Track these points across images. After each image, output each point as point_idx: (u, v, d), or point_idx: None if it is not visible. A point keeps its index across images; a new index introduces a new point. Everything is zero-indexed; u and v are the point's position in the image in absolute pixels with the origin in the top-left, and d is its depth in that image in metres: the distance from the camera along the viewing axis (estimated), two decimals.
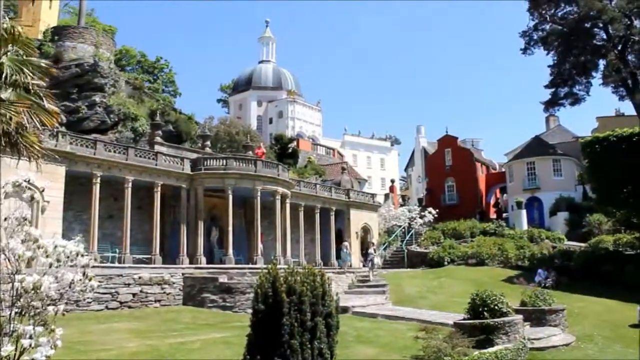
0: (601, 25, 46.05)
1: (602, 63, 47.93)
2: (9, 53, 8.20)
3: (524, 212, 43.59)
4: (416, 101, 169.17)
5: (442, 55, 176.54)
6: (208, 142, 36.10)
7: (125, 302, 21.77)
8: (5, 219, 7.43)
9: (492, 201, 56.53)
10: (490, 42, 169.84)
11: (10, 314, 6.81)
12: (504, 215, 50.34)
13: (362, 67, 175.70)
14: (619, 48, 46.55)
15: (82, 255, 7.46)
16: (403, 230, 43.77)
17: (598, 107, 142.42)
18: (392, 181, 64.18)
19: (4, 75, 7.90)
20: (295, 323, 9.05)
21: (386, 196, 53.41)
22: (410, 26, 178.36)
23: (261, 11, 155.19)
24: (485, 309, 16.69)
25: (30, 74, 7.78)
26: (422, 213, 45.51)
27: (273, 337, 9.03)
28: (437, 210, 46.52)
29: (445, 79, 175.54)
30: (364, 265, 32.87)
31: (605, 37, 47.24)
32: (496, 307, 16.73)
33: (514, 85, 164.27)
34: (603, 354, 17.62)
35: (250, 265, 27.51)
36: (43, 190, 21.00)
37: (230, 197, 28.21)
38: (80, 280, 7.28)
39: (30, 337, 6.47)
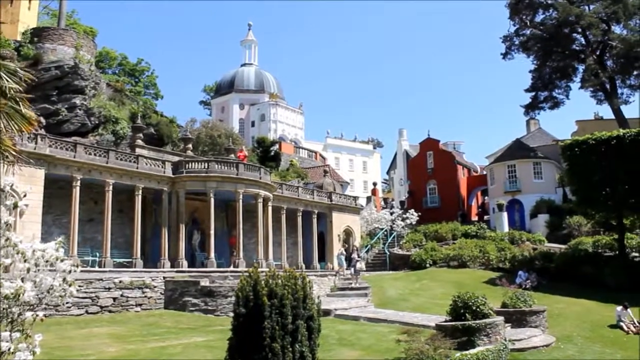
0: (580, 30, 46.72)
1: (581, 67, 48.54)
2: None
3: (505, 214, 43.91)
4: (398, 104, 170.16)
5: (425, 58, 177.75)
6: (190, 145, 35.93)
7: (105, 307, 21.60)
8: None
9: (474, 204, 56.94)
10: (472, 46, 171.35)
11: None
12: (486, 217, 50.67)
13: (344, 70, 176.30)
14: (598, 53, 47.23)
15: (62, 260, 7.38)
16: (385, 232, 43.90)
17: (577, 110, 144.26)
18: (375, 184, 64.37)
19: None
20: (277, 326, 9.06)
21: (368, 199, 53.56)
22: (393, 29, 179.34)
23: (244, 14, 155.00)
24: (467, 310, 16.84)
25: (7, 78, 7.69)
26: (404, 215, 45.67)
27: (254, 341, 9.03)
28: (419, 213, 46.78)
29: (427, 83, 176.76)
30: (347, 268, 32.80)
31: (583, 42, 47.93)
32: (478, 309, 16.88)
33: (495, 89, 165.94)
34: (582, 354, 17.85)
35: (232, 269, 27.42)
36: (25, 196, 20.73)
37: (212, 200, 28.10)
38: (60, 285, 7.20)
39: (7, 342, 6.39)
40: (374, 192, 58.76)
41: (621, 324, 21.55)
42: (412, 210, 46.97)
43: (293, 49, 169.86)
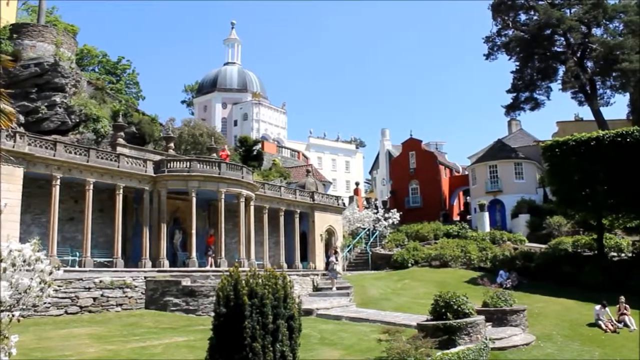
0: (561, 32, 47.25)
1: (561, 69, 49.16)
2: None
3: (486, 214, 44.21)
4: (381, 104, 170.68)
5: (407, 59, 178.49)
6: (172, 144, 35.69)
7: (85, 307, 21.38)
8: None
9: (456, 204, 57.29)
10: (455, 47, 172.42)
11: None
12: (467, 217, 50.99)
13: (327, 69, 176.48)
14: (578, 55, 47.84)
15: (40, 260, 7.29)
16: (367, 232, 43.99)
17: (558, 112, 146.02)
18: (357, 184, 64.49)
19: None
20: (257, 326, 9.04)
21: (351, 199, 53.62)
22: (375, 29, 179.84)
23: (227, 13, 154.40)
24: (448, 310, 16.95)
25: None
26: (387, 215, 45.81)
27: (235, 340, 9.01)
28: (401, 213, 46.95)
29: (410, 83, 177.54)
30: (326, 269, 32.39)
31: (564, 43, 48.49)
32: (459, 308, 17.00)
33: (477, 90, 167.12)
34: (561, 353, 18.08)
35: (214, 268, 27.30)
36: None
37: (194, 199, 27.95)
38: (37, 285, 7.10)
39: None
40: (356, 191, 58.89)
41: (600, 322, 21.85)
42: (395, 210, 47.13)
43: (276, 49, 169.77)
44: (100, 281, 22.08)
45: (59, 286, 19.96)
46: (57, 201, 23.53)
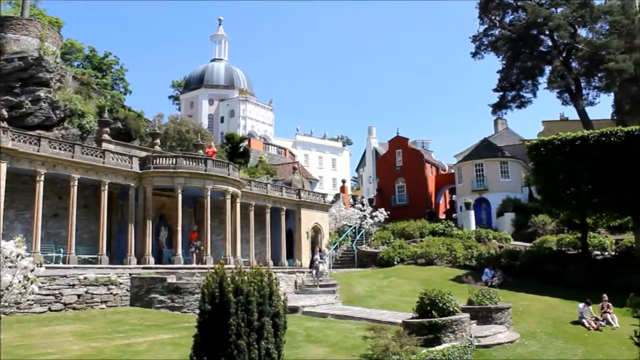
0: (547, 32, 47.56)
1: (548, 69, 49.46)
2: None
3: (472, 212, 44.40)
4: (368, 102, 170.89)
5: (395, 57, 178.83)
6: (158, 141, 35.43)
7: (69, 304, 21.19)
8: None
9: (442, 202, 57.52)
10: (442, 45, 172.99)
11: None
12: (453, 215, 51.22)
13: (315, 67, 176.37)
14: (564, 55, 48.18)
15: (22, 257, 7.22)
16: (354, 230, 44.05)
17: (544, 111, 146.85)
18: (344, 181, 64.52)
19: None
20: (242, 323, 9.01)
21: (337, 196, 53.67)
22: (363, 27, 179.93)
23: (214, 9, 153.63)
24: (434, 307, 17.02)
25: None
26: (373, 213, 45.88)
27: (220, 337, 8.97)
28: (388, 211, 47.05)
29: (397, 81, 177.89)
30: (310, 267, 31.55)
31: (551, 43, 48.81)
32: (444, 306, 17.08)
33: (464, 88, 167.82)
34: (545, 350, 18.22)
35: (200, 266, 27.20)
36: None
37: (180, 196, 27.81)
38: (20, 282, 7.04)
39: None
40: (342, 189, 58.95)
41: (583, 320, 22.05)
42: (381, 208, 47.23)
43: (264, 45, 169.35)
44: (85, 278, 21.89)
45: (42, 283, 19.75)
46: (41, 197, 23.31)
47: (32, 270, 7.18)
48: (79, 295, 21.57)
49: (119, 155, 27.34)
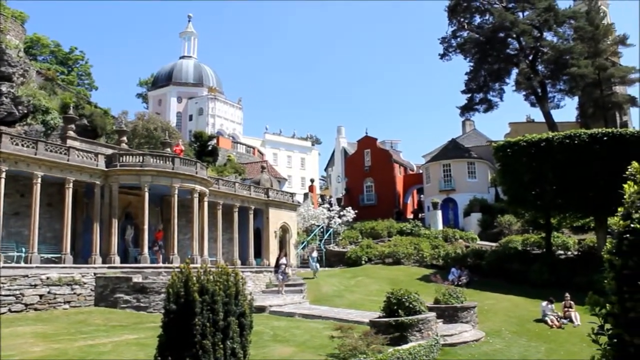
0: (514, 35, 48.35)
1: (514, 71, 50.25)
2: None
3: (439, 212, 44.85)
4: (337, 102, 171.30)
5: (364, 57, 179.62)
6: (124, 138, 34.96)
7: (31, 304, 20.71)
8: None
9: (410, 202, 57.96)
10: (411, 46, 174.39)
11: None
12: (421, 215, 51.65)
13: (284, 66, 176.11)
14: (530, 58, 49.05)
15: None
16: (322, 229, 44.05)
17: (511, 113, 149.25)
18: (312, 181, 64.58)
19: None
20: (208, 323, 8.91)
21: (306, 195, 53.68)
22: (332, 27, 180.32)
23: (184, 6, 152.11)
24: (400, 307, 17.09)
25: None
26: (341, 212, 45.98)
27: (185, 337, 8.87)
28: (356, 211, 47.17)
29: (366, 81, 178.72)
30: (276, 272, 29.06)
31: (517, 46, 49.64)
32: (411, 305, 17.17)
33: (433, 89, 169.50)
34: (509, 348, 18.48)
35: (166, 265, 26.90)
36: None
37: (147, 194, 27.47)
38: None
39: None
40: (311, 188, 58.99)
41: (546, 318, 22.42)
42: (349, 207, 47.36)
43: (233, 44, 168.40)
44: (48, 278, 21.44)
45: (2, 283, 19.32)
46: (2, 195, 22.72)
47: None
48: (41, 296, 21.09)
49: (84, 152, 26.86)
